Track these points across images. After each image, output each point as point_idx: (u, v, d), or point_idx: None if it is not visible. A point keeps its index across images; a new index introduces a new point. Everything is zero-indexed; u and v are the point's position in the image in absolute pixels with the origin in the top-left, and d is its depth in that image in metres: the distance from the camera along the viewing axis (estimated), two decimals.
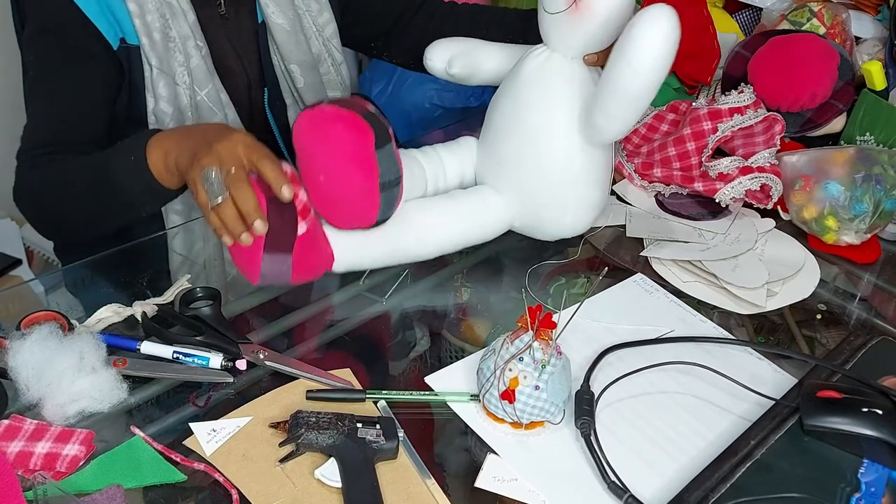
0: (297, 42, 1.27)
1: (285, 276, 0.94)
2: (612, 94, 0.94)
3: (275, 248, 0.91)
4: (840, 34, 1.37)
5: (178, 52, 1.15)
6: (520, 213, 1.08)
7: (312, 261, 0.96)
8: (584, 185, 1.07)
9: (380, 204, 0.94)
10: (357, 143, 0.91)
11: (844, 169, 1.16)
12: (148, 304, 0.98)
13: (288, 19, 1.25)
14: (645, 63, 0.90)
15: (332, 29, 1.32)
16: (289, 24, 1.25)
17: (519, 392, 0.83)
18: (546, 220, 1.09)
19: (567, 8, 0.97)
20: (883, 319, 1.08)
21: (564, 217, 1.08)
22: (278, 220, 0.90)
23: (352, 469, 0.79)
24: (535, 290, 1.07)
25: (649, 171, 1.23)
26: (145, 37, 1.12)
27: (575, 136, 1.03)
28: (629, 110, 0.96)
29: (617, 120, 0.97)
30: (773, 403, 0.89)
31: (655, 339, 0.98)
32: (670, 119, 1.30)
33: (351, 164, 0.91)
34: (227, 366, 0.91)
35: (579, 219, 1.09)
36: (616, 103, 0.95)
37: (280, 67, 1.28)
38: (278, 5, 1.24)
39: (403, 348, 1.01)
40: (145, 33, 1.12)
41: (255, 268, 0.92)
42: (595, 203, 1.10)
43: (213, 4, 1.21)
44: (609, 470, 0.81)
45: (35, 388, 0.84)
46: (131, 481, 0.78)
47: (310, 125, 0.92)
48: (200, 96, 1.19)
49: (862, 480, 0.81)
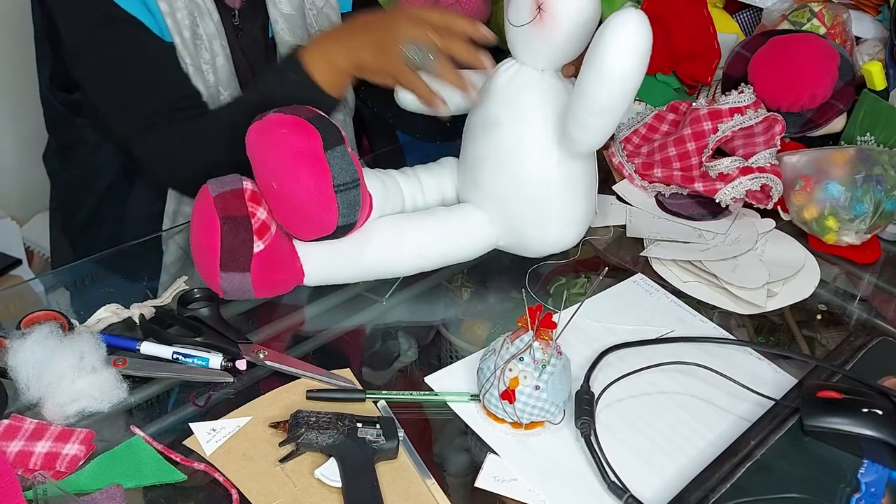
0: None
1: (247, 291, 0.95)
2: (584, 105, 0.92)
3: (230, 268, 0.92)
4: (840, 34, 1.37)
5: (204, 49, 1.16)
6: (503, 231, 1.07)
7: (275, 277, 0.96)
8: (567, 200, 1.04)
9: (338, 207, 0.93)
10: (303, 144, 0.91)
11: (845, 169, 1.16)
12: (146, 307, 0.98)
13: (298, 38, 1.24)
14: (616, 70, 0.88)
15: None
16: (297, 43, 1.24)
17: (519, 392, 0.83)
18: (529, 238, 1.06)
19: (531, 20, 0.96)
20: (883, 320, 1.08)
21: (547, 234, 1.06)
22: (232, 239, 0.91)
23: (352, 469, 0.79)
24: (535, 290, 1.07)
25: (649, 172, 1.23)
26: (177, 35, 1.13)
27: (552, 150, 1.01)
28: (604, 120, 0.93)
29: (592, 131, 0.95)
30: (773, 404, 0.89)
31: (655, 340, 0.98)
32: (670, 119, 1.30)
33: (299, 166, 0.91)
34: (226, 366, 0.91)
35: (564, 234, 1.07)
36: (589, 114, 0.92)
37: None
38: (288, 22, 1.23)
39: (403, 348, 1.01)
40: (177, 31, 1.13)
41: (217, 283, 0.94)
42: (580, 217, 1.07)
43: (229, 15, 1.20)
44: (609, 470, 0.81)
45: (35, 387, 0.84)
46: (131, 481, 0.78)
47: (258, 135, 0.94)
48: (224, 96, 1.19)
49: (862, 481, 0.81)
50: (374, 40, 1.02)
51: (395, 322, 1.04)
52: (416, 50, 0.98)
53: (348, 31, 1.06)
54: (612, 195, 1.25)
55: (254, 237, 0.92)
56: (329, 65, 1.04)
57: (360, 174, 0.94)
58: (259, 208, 0.94)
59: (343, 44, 1.04)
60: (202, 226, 0.93)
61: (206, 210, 0.92)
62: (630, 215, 1.21)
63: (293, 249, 0.98)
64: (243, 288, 0.94)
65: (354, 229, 0.98)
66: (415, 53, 0.98)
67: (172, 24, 1.12)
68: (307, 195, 0.92)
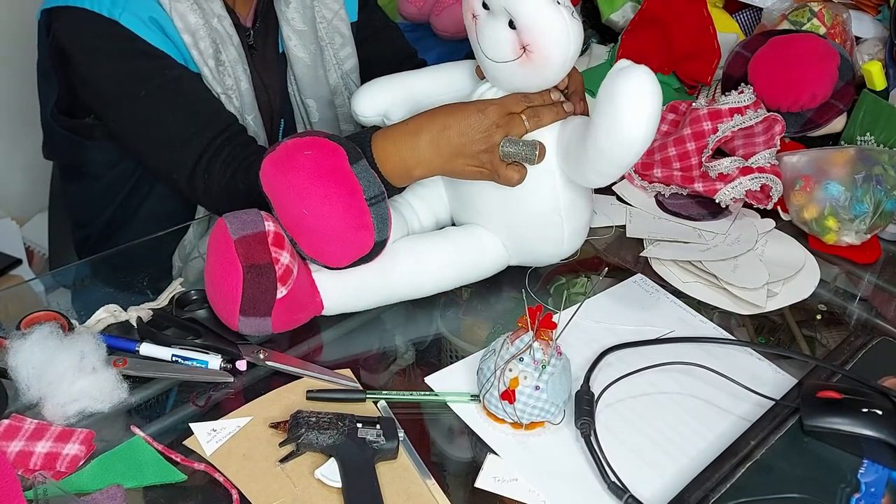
0: (317, 77, 1.25)
1: (265, 330, 0.93)
2: (605, 160, 0.90)
3: (251, 313, 0.90)
4: (840, 34, 1.37)
5: (227, 76, 1.14)
6: (515, 252, 1.06)
7: (295, 315, 0.95)
8: (574, 215, 1.03)
9: (373, 221, 0.91)
10: (330, 161, 0.89)
11: (845, 169, 1.16)
12: (143, 309, 0.98)
13: (309, 53, 1.23)
14: (638, 137, 0.87)
15: (352, 63, 1.30)
16: (310, 59, 1.24)
17: (519, 392, 0.83)
18: (542, 254, 1.06)
19: (516, 58, 0.93)
20: (883, 320, 1.08)
21: (560, 247, 1.05)
22: (255, 288, 0.88)
23: (352, 469, 0.79)
24: (535, 290, 1.07)
25: (649, 172, 1.23)
26: (204, 66, 1.11)
27: (555, 175, 0.98)
28: (623, 169, 0.93)
29: (611, 177, 0.95)
30: (773, 404, 0.89)
31: (655, 340, 0.98)
32: (670, 119, 1.30)
33: (331, 184, 0.89)
34: (226, 367, 0.91)
35: (574, 243, 1.06)
36: (609, 167, 0.92)
37: (296, 100, 1.27)
38: (301, 38, 1.22)
39: (403, 348, 1.01)
40: (202, 62, 1.11)
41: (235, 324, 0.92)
42: (588, 220, 1.07)
43: (244, 35, 1.19)
44: (609, 470, 0.81)
45: (35, 387, 0.84)
46: (131, 481, 0.78)
47: (276, 165, 0.90)
48: (248, 120, 1.17)
49: (862, 481, 0.81)
50: (466, 147, 0.96)
51: (395, 322, 1.04)
52: (514, 146, 0.95)
53: (438, 146, 0.96)
54: (611, 195, 1.25)
55: (277, 284, 0.89)
56: (403, 170, 0.97)
57: (383, 186, 0.93)
58: (283, 252, 0.90)
59: (427, 163, 0.97)
60: (222, 270, 0.89)
61: (227, 254, 0.88)
62: (630, 215, 1.21)
63: (313, 285, 0.96)
64: (261, 328, 0.92)
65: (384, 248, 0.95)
66: (513, 150, 0.95)
67: (197, 56, 1.10)
68: (344, 216, 0.89)
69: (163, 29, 1.07)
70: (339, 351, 0.98)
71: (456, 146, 0.95)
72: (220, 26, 1.13)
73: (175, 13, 1.07)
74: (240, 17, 1.18)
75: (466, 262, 1.03)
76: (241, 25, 1.18)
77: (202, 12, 1.10)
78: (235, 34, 1.15)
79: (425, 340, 1.02)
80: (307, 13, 1.23)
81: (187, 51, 1.09)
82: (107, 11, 1.04)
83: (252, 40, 1.21)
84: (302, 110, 1.28)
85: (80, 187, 1.30)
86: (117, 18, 1.04)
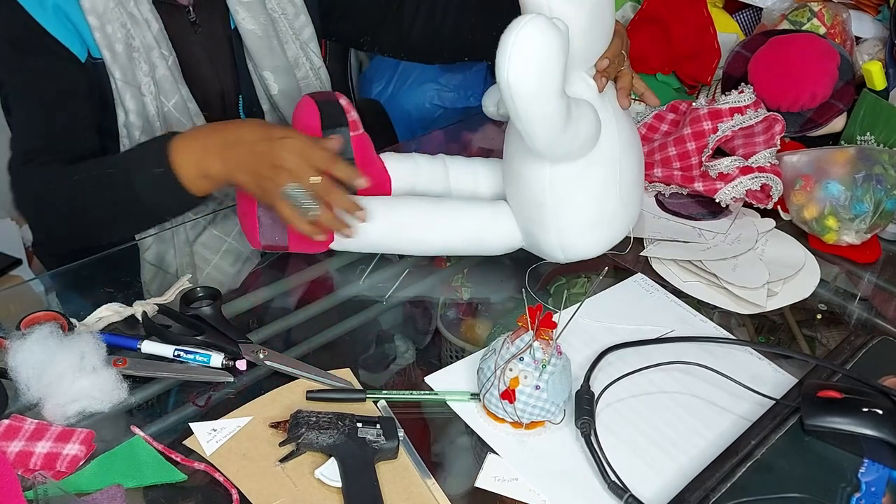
0: (271, 48, 1.24)
1: (282, 241, 1.00)
2: (517, 121, 0.92)
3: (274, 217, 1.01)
4: (840, 34, 1.37)
5: (142, 62, 1.13)
6: (523, 233, 1.08)
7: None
8: (568, 205, 1.02)
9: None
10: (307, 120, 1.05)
11: (845, 169, 1.16)
12: (148, 304, 0.98)
13: (260, 25, 1.22)
14: (512, 81, 0.87)
15: (309, 32, 1.28)
16: (261, 30, 1.22)
17: (519, 392, 0.83)
18: (539, 241, 1.06)
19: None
20: (883, 319, 1.08)
21: (551, 238, 1.04)
22: (330, 120, 1.02)
23: (352, 469, 0.79)
24: (536, 289, 1.07)
25: (649, 171, 1.23)
26: (107, 49, 1.10)
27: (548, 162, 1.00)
28: (525, 127, 0.92)
29: (526, 135, 0.94)
30: (773, 403, 0.89)
31: (656, 339, 0.98)
32: (670, 119, 1.30)
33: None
34: (227, 365, 0.91)
35: (571, 240, 1.05)
36: (524, 126, 0.92)
37: (255, 75, 1.26)
38: (249, 11, 1.21)
39: (403, 348, 1.01)
40: (107, 46, 1.10)
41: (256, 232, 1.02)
42: (587, 224, 1.04)
43: (183, 12, 1.18)
44: (609, 470, 0.81)
45: (35, 387, 0.84)
46: (131, 481, 0.78)
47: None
48: (167, 107, 1.16)
49: (862, 480, 0.81)
50: (254, 164, 0.97)
51: (395, 322, 1.04)
52: (296, 192, 0.96)
53: (229, 144, 0.99)
54: None
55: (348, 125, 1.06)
56: (198, 170, 0.99)
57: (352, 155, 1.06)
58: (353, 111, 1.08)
59: (221, 156, 0.99)
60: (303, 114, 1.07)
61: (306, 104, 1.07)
62: None
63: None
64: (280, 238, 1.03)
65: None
66: (294, 194, 0.96)
67: (102, 38, 1.09)
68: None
69: (65, 14, 1.07)
70: (339, 351, 0.98)
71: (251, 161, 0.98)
72: (135, 11, 1.12)
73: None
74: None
75: (476, 229, 1.07)
76: (178, 4, 1.17)
77: None
78: (155, 19, 1.14)
79: (425, 340, 1.02)
80: None
81: (91, 34, 1.09)
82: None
83: (193, 16, 1.19)
84: (262, 84, 1.26)
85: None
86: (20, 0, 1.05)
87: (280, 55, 1.25)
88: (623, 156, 1.04)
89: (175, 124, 1.17)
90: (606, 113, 1.02)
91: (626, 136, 1.05)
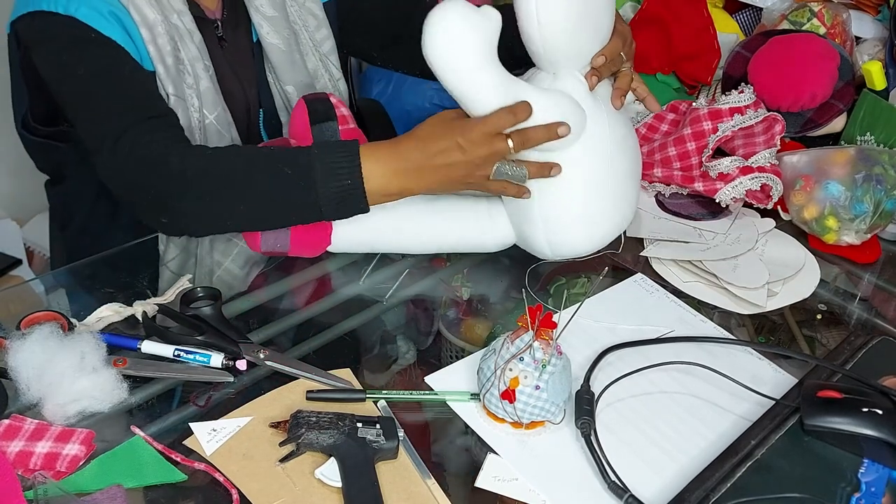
0: (293, 62, 1.24)
1: (283, 247, 1.01)
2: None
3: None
4: (840, 34, 1.37)
5: (187, 74, 1.12)
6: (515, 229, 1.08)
7: (312, 235, 1.04)
8: (552, 201, 1.02)
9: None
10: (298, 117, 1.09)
11: (845, 169, 1.16)
12: (148, 304, 0.98)
13: (283, 38, 1.22)
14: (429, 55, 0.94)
15: (329, 45, 1.29)
16: (284, 44, 1.22)
17: (519, 392, 0.83)
18: (529, 237, 1.06)
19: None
20: (883, 319, 1.08)
21: (537, 233, 1.05)
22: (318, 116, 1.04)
23: (352, 469, 0.79)
24: (535, 289, 1.07)
25: (649, 171, 1.23)
26: (160, 64, 1.09)
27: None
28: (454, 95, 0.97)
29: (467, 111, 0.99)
30: (773, 403, 0.89)
31: (655, 339, 0.98)
32: (670, 119, 1.30)
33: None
34: (227, 365, 0.91)
35: (559, 238, 1.05)
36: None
37: (276, 87, 1.26)
38: (273, 24, 1.21)
39: (403, 348, 1.01)
40: (159, 59, 1.09)
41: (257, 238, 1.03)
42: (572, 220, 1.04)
43: (211, 27, 1.18)
44: (609, 470, 0.81)
45: (35, 387, 0.84)
46: (132, 481, 0.78)
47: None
48: (209, 119, 1.16)
49: (862, 480, 0.81)
50: (455, 180, 0.99)
51: (395, 322, 1.04)
52: (502, 170, 0.98)
53: (423, 167, 0.98)
54: None
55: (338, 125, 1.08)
56: (385, 189, 0.98)
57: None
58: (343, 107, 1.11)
59: (417, 178, 0.98)
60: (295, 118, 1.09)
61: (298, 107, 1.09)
62: None
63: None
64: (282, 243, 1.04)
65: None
66: (501, 173, 0.98)
67: (154, 52, 1.09)
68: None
69: (122, 23, 1.07)
70: (339, 351, 0.98)
71: (444, 180, 0.99)
72: (179, 22, 1.11)
73: (132, 6, 1.07)
74: (206, 10, 1.17)
75: (472, 225, 1.07)
76: (207, 19, 1.17)
77: (160, 7, 1.09)
78: (196, 31, 1.14)
79: (425, 340, 1.02)
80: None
81: (144, 47, 1.09)
82: (62, 9, 1.04)
83: (221, 32, 1.20)
84: (282, 98, 1.26)
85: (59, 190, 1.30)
86: (73, 14, 1.04)
87: (302, 68, 1.26)
88: (615, 155, 1.04)
89: (214, 137, 1.16)
90: (599, 111, 1.02)
91: (619, 135, 1.05)
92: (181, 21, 1.12)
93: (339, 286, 1.08)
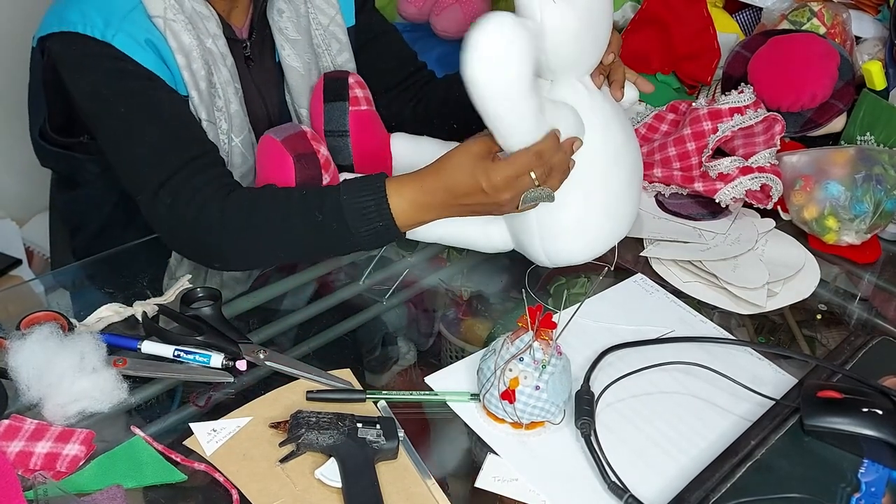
0: (311, 85, 1.23)
1: None
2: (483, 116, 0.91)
3: None
4: (840, 34, 1.37)
5: (218, 97, 1.12)
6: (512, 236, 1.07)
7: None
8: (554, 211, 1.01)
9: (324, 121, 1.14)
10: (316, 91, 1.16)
11: (845, 169, 1.16)
12: (148, 304, 0.98)
13: (303, 62, 1.22)
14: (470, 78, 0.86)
15: (351, 69, 1.28)
16: (303, 68, 1.22)
17: (519, 392, 0.83)
18: (527, 245, 1.05)
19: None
20: (883, 319, 1.08)
21: (534, 240, 1.04)
22: (304, 173, 1.04)
23: (352, 469, 0.79)
24: (535, 290, 1.07)
25: (649, 171, 1.23)
26: (193, 89, 1.09)
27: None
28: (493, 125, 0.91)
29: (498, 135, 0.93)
30: (773, 403, 0.89)
31: (655, 339, 0.98)
32: (670, 119, 1.30)
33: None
34: (227, 365, 0.91)
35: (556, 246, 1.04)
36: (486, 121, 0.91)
37: (292, 108, 1.26)
38: (295, 48, 1.21)
39: (403, 348, 1.01)
40: (193, 85, 1.08)
41: None
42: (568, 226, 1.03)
43: (240, 47, 1.18)
44: (609, 470, 0.81)
45: (35, 387, 0.84)
46: (132, 481, 0.78)
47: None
48: (236, 142, 1.15)
49: (862, 480, 0.81)
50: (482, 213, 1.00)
51: (395, 322, 1.04)
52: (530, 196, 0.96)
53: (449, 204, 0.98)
54: None
55: (321, 172, 1.06)
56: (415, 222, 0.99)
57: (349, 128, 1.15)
58: (321, 146, 1.08)
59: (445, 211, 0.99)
60: (275, 166, 1.05)
61: (276, 151, 1.05)
62: None
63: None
64: None
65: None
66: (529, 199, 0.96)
67: (189, 77, 1.08)
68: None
69: (158, 51, 1.06)
70: (339, 351, 0.98)
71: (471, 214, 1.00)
72: (213, 46, 1.11)
73: (169, 32, 1.06)
74: (235, 29, 1.17)
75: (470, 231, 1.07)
76: (236, 39, 1.17)
77: (196, 32, 1.08)
78: (229, 54, 1.13)
79: (425, 341, 1.02)
80: (301, 21, 1.22)
81: (179, 73, 1.07)
82: (100, 34, 1.02)
83: (249, 52, 1.19)
84: (298, 121, 1.26)
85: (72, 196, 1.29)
86: (110, 41, 1.02)
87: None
88: (612, 163, 1.03)
89: (238, 160, 1.15)
90: (595, 120, 1.01)
91: (617, 142, 1.03)
92: (216, 45, 1.11)
93: (339, 286, 1.08)
